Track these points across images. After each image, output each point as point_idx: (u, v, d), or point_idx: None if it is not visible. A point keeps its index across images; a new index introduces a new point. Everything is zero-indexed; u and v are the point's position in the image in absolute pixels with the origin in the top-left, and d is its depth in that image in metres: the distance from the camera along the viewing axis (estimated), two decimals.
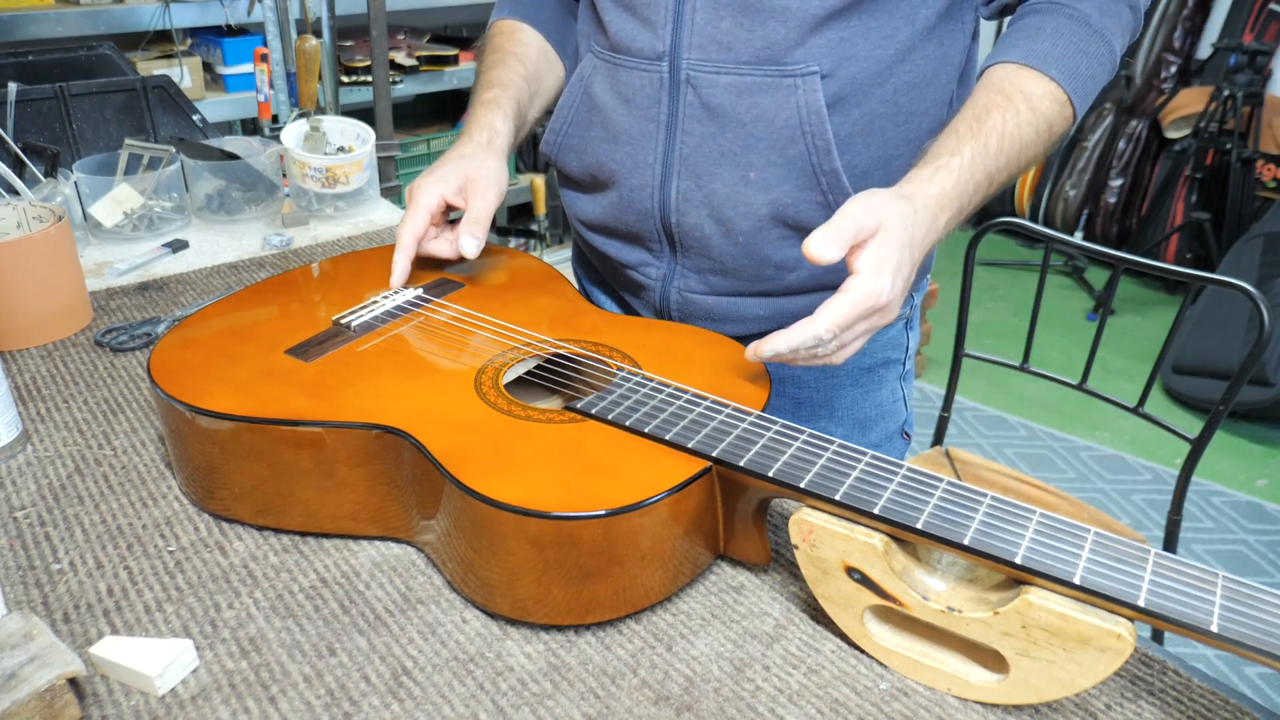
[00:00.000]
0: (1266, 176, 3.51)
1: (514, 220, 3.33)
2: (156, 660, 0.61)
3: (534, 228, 3.23)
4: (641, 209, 0.94)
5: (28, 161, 1.33)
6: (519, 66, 1.03)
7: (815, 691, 0.62)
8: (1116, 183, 3.93)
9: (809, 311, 0.95)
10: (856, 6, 0.84)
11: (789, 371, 1.00)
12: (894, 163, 0.90)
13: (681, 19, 0.86)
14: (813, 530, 0.63)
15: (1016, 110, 0.80)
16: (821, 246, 0.70)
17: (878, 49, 0.85)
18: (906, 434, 1.09)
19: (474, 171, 0.93)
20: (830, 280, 0.94)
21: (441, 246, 0.95)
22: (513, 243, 3.29)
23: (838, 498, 0.62)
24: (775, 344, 0.71)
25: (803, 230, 0.91)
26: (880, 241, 0.71)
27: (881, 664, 0.64)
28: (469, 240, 0.91)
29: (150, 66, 2.31)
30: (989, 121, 0.79)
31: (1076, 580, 0.55)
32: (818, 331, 0.70)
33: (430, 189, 0.92)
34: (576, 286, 1.18)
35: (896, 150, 0.89)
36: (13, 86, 1.40)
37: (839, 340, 0.72)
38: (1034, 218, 4.16)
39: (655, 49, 0.88)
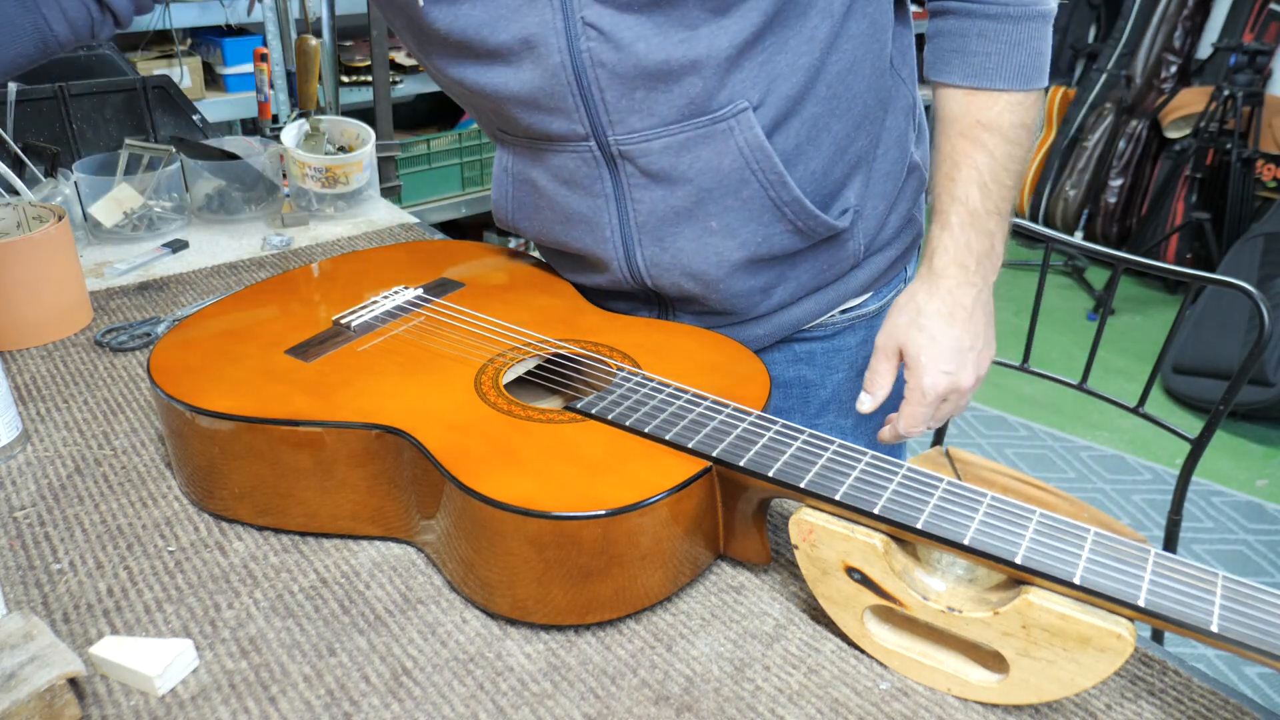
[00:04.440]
0: (1266, 176, 3.51)
1: None
2: (156, 660, 0.61)
3: None
4: (618, 278, 0.92)
5: (28, 161, 1.33)
6: None
7: (815, 691, 0.62)
8: (1116, 183, 3.92)
9: (808, 318, 0.97)
10: (766, 28, 0.80)
11: (794, 373, 1.00)
12: (849, 150, 0.88)
13: (592, 102, 0.81)
14: (813, 530, 0.63)
15: (983, 145, 0.82)
16: (868, 402, 0.85)
17: (802, 56, 0.82)
18: None
19: None
20: (820, 281, 0.94)
21: None
22: (513, 243, 3.29)
23: (838, 498, 0.62)
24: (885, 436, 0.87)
25: (780, 260, 0.90)
26: (912, 358, 0.83)
27: (881, 664, 0.64)
28: None
29: (150, 66, 2.31)
30: (962, 177, 0.83)
31: (1076, 580, 0.55)
32: (899, 432, 0.85)
33: None
34: None
35: (849, 139, 0.87)
36: (13, 86, 1.39)
37: (933, 423, 0.85)
38: (1034, 218, 4.16)
39: (576, 132, 0.84)
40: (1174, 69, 3.88)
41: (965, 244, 0.83)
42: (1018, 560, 0.57)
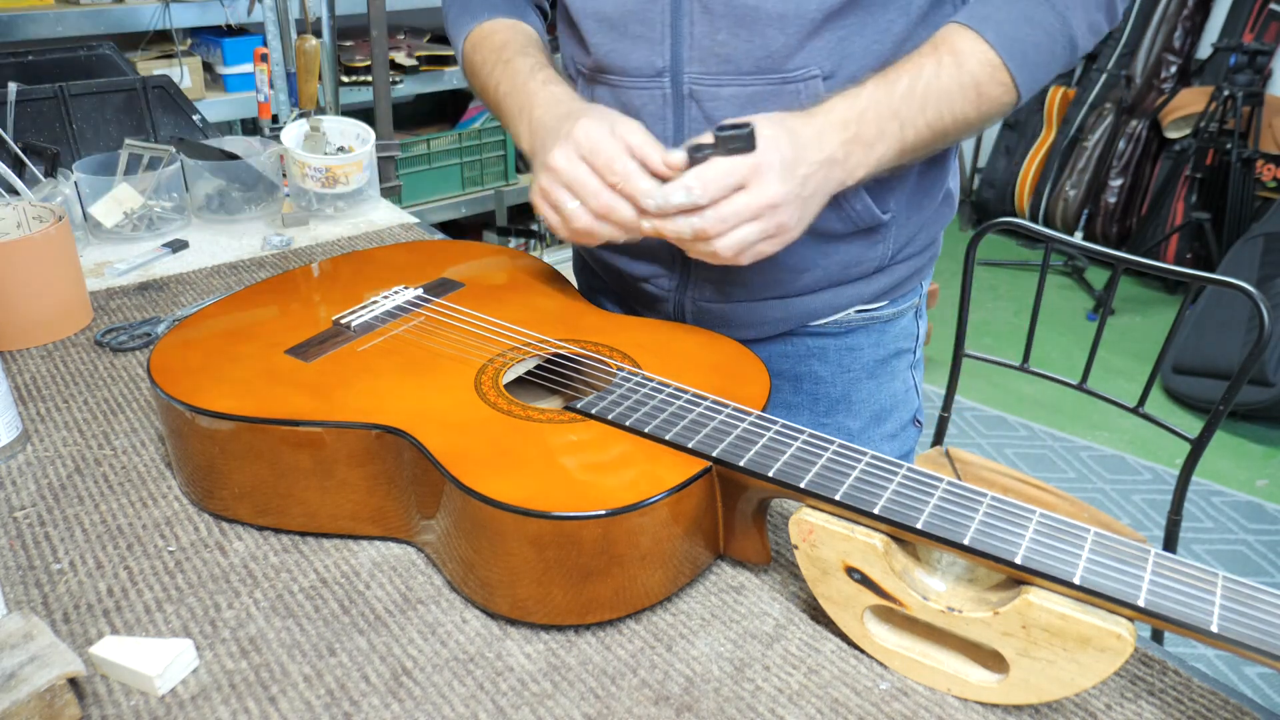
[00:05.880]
0: (1266, 176, 3.51)
1: (514, 220, 3.33)
2: (156, 660, 0.61)
3: (534, 228, 3.23)
4: None
5: (28, 161, 1.33)
6: (537, 47, 0.95)
7: (815, 691, 0.62)
8: (1116, 183, 3.93)
9: (825, 311, 0.97)
10: (852, 5, 0.82)
11: (806, 368, 1.01)
12: None
13: (680, 34, 0.84)
14: (813, 530, 0.63)
15: (939, 61, 0.79)
16: (675, 152, 0.73)
17: (875, 44, 0.85)
18: (918, 421, 1.09)
19: (597, 110, 0.81)
20: (844, 276, 0.95)
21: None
22: (513, 243, 3.29)
23: (838, 498, 0.62)
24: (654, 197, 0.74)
25: (814, 232, 0.90)
26: (758, 134, 0.72)
27: (881, 664, 0.64)
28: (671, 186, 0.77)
29: (150, 66, 2.31)
30: (903, 66, 0.79)
31: (1076, 580, 0.55)
32: (684, 183, 0.72)
33: (601, 125, 0.78)
34: (580, 293, 1.18)
35: None
36: (13, 86, 1.39)
37: (719, 216, 0.72)
38: (1034, 218, 4.16)
39: (654, 65, 0.86)
40: (1174, 69, 3.88)
41: (860, 112, 0.77)
42: (1018, 560, 0.57)
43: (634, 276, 1.00)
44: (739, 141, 0.71)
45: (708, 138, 0.73)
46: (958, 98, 0.79)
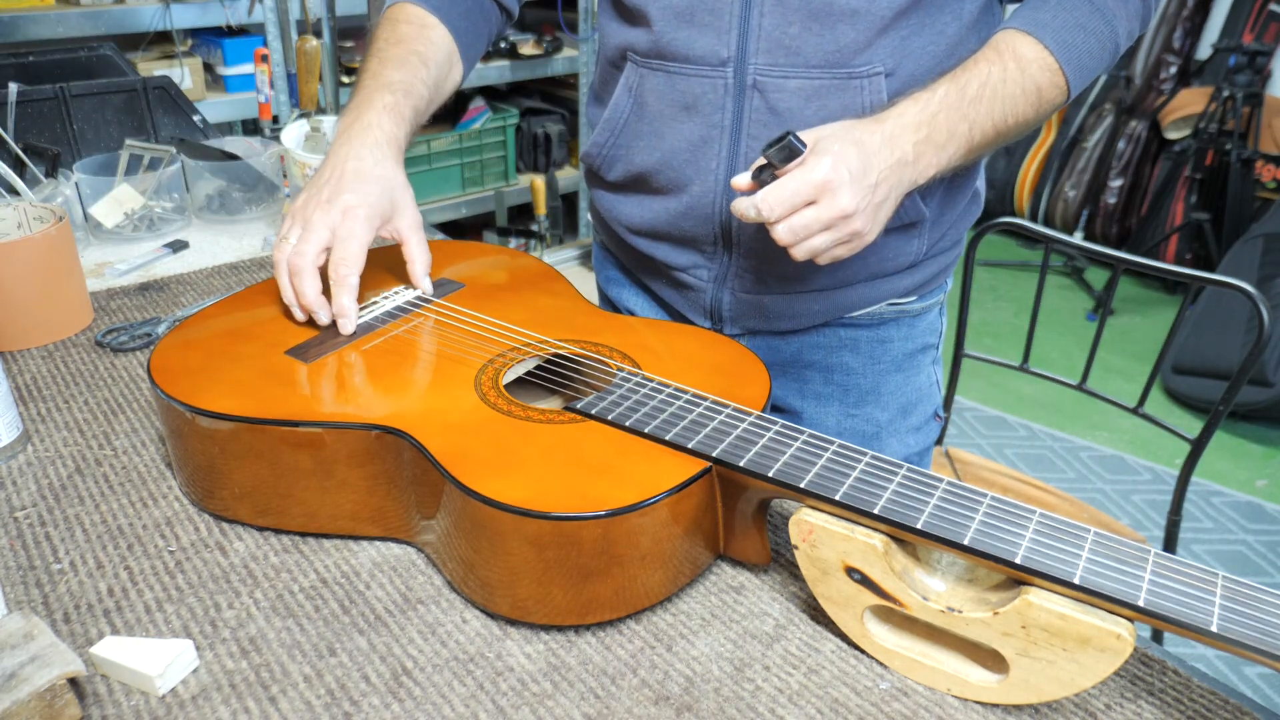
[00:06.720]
0: (1266, 177, 3.51)
1: (514, 220, 3.33)
2: (156, 660, 0.61)
3: (534, 228, 3.23)
4: (701, 215, 0.94)
5: (28, 162, 1.33)
6: (423, 71, 0.95)
7: (815, 691, 0.62)
8: (1116, 183, 3.92)
9: (860, 304, 0.98)
10: (916, 6, 0.84)
11: (838, 359, 1.01)
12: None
13: (748, 25, 0.85)
14: (813, 530, 0.63)
15: (1004, 66, 0.82)
16: (742, 176, 0.77)
17: (931, 45, 0.87)
18: (939, 415, 1.10)
19: (400, 198, 0.88)
20: (881, 270, 0.96)
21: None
22: (513, 243, 3.29)
23: (838, 498, 0.62)
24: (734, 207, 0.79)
25: None
26: (822, 140, 0.75)
27: (881, 664, 0.65)
28: (429, 281, 0.91)
29: (151, 67, 2.31)
30: (973, 70, 0.82)
31: (1076, 580, 0.55)
32: (754, 201, 0.75)
33: (368, 223, 0.85)
34: (599, 288, 1.18)
35: None
36: (13, 87, 1.40)
37: (790, 229, 0.75)
38: (1034, 218, 4.16)
39: (719, 55, 0.87)
40: (1174, 69, 3.88)
41: (932, 115, 0.79)
42: (1018, 560, 0.57)
43: (671, 266, 1.00)
44: (785, 151, 0.74)
45: (762, 160, 0.77)
46: (1020, 101, 0.82)
